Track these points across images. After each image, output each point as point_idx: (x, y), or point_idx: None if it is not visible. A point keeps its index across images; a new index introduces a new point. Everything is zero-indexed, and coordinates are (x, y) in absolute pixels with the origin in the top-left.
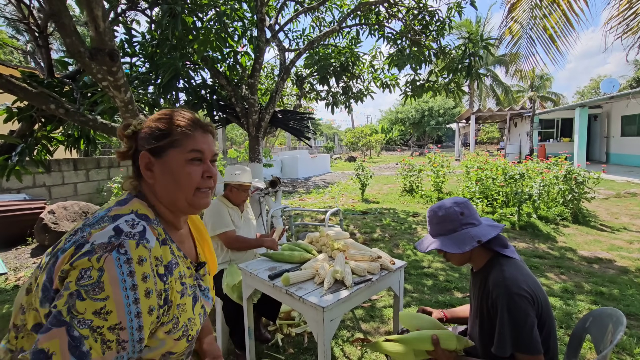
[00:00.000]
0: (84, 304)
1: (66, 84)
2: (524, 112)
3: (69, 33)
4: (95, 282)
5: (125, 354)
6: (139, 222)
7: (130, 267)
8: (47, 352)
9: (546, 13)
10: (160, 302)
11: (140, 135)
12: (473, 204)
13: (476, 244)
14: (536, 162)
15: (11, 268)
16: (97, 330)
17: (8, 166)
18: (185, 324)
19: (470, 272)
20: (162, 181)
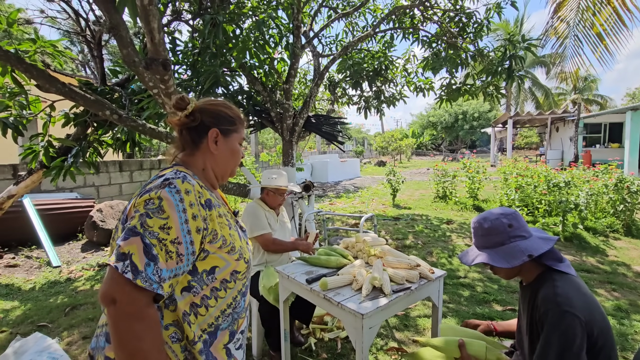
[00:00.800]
0: (152, 221)
1: (116, 91)
2: (566, 116)
3: (126, 44)
4: (157, 206)
5: (182, 266)
6: (181, 172)
7: (180, 195)
8: (128, 253)
9: (595, 11)
10: (203, 225)
11: (210, 114)
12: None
13: (527, 258)
14: (582, 169)
15: (64, 262)
16: (162, 242)
17: (64, 167)
18: (239, 248)
19: (520, 285)
20: (222, 154)
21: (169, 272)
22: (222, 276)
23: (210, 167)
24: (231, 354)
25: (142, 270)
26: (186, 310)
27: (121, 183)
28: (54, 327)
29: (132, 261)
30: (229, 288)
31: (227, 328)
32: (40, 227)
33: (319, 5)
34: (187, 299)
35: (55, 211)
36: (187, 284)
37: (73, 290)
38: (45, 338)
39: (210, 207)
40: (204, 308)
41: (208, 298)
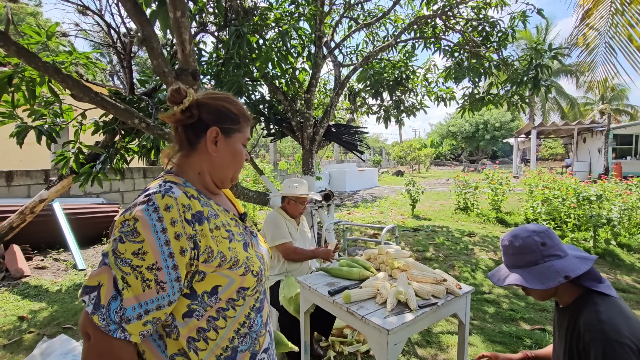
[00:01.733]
0: (124, 246)
1: (143, 100)
2: (594, 127)
3: (157, 55)
4: (132, 229)
5: (165, 295)
6: (168, 183)
7: (158, 214)
8: (98, 285)
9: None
10: (189, 245)
11: (210, 109)
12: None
13: (563, 279)
14: (614, 182)
15: (89, 265)
16: (136, 269)
17: (92, 173)
18: (244, 261)
19: (555, 307)
20: (222, 157)
21: (143, 306)
22: (228, 295)
23: (207, 171)
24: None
25: (103, 305)
26: (192, 337)
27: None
28: (79, 329)
29: (99, 294)
30: (237, 306)
31: (248, 349)
32: (68, 231)
33: (340, 16)
34: (191, 325)
35: (82, 215)
36: (187, 309)
37: None
38: (70, 340)
39: (201, 221)
40: (212, 332)
41: (215, 319)
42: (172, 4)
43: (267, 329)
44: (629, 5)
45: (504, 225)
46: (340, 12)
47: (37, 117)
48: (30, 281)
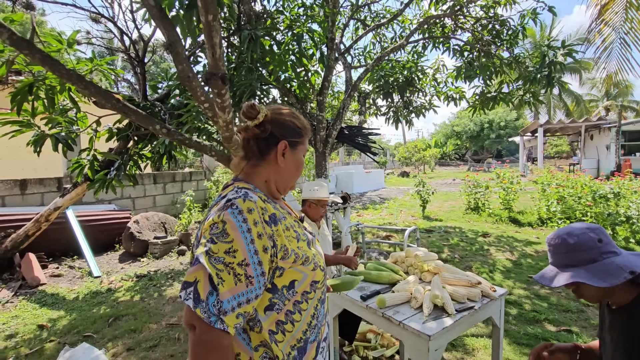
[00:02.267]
0: (217, 246)
1: (156, 106)
2: (602, 123)
3: (182, 60)
4: (221, 230)
5: (253, 289)
6: (242, 189)
7: (242, 216)
8: (194, 281)
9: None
10: (270, 243)
11: (279, 124)
12: (554, 225)
13: (629, 275)
14: (629, 179)
15: (104, 272)
16: (229, 266)
17: (107, 180)
18: (312, 258)
19: (606, 309)
20: (288, 167)
21: (236, 299)
22: (303, 288)
23: (273, 179)
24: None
25: (203, 300)
26: (272, 330)
27: (155, 195)
28: (99, 337)
29: (196, 289)
30: (310, 299)
31: (315, 340)
32: (82, 238)
33: (348, 18)
34: (272, 318)
35: (94, 222)
36: (268, 303)
37: (114, 301)
38: (92, 349)
39: (276, 222)
40: (289, 324)
41: (292, 313)
42: (205, 7)
43: (326, 319)
44: None
45: (517, 224)
46: (347, 14)
47: (54, 125)
48: (47, 289)
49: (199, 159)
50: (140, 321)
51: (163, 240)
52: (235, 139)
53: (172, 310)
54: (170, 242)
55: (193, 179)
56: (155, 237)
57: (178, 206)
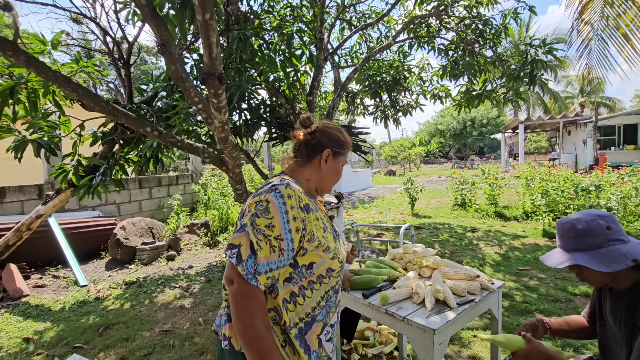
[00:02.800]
0: (260, 220)
1: (142, 108)
2: (579, 119)
3: (174, 61)
4: (265, 208)
5: (283, 260)
6: (285, 180)
7: (283, 199)
8: (238, 245)
9: (620, 12)
10: (302, 226)
11: (328, 136)
12: (539, 218)
13: (631, 263)
14: (607, 172)
15: (90, 280)
16: (267, 237)
17: (92, 185)
18: (333, 249)
19: (607, 293)
20: (329, 172)
21: (269, 265)
22: (319, 272)
23: (314, 180)
24: (322, 344)
25: (244, 260)
26: (286, 298)
27: (141, 200)
28: (90, 348)
29: (240, 251)
30: (324, 283)
31: (322, 320)
32: (66, 246)
33: (334, 18)
34: (288, 289)
35: (78, 230)
36: (289, 275)
37: (103, 310)
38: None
39: (309, 211)
40: (301, 297)
41: (305, 289)
42: (202, 6)
43: (336, 310)
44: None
45: (503, 219)
46: (331, 13)
47: (36, 130)
48: (30, 301)
49: (184, 162)
50: (132, 329)
51: (151, 246)
52: (231, 140)
53: (165, 317)
54: (158, 248)
55: (180, 183)
56: (143, 242)
57: (165, 211)
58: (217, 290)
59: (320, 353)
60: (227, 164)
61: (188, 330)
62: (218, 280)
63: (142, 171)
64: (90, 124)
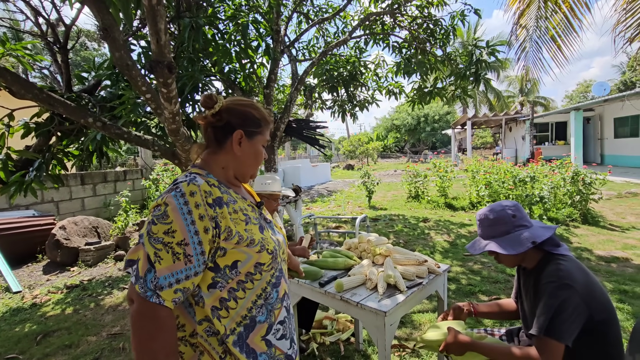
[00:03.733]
0: (157, 227)
1: (83, 98)
2: (519, 117)
3: (119, 47)
4: (163, 213)
5: (192, 267)
6: (192, 174)
7: (184, 199)
8: (136, 259)
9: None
10: (211, 225)
11: (237, 114)
12: (482, 207)
13: (531, 245)
14: (541, 165)
15: (25, 286)
16: (168, 245)
17: (25, 182)
18: (259, 241)
19: (522, 272)
20: (245, 156)
21: (174, 275)
22: (246, 269)
23: (231, 167)
24: (272, 345)
25: (142, 277)
26: (215, 306)
27: (83, 197)
28: (26, 358)
29: (138, 267)
30: (255, 280)
31: (266, 320)
32: None
33: (291, 10)
34: (215, 295)
35: (10, 231)
36: (211, 281)
37: (42, 317)
38: None
39: (221, 205)
40: (233, 301)
41: (235, 290)
42: None
43: (283, 304)
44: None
45: (452, 209)
46: (288, 6)
47: None
48: None
49: (133, 157)
50: (75, 335)
51: (96, 247)
52: (182, 132)
53: (114, 320)
54: (105, 248)
55: (128, 178)
56: (87, 243)
57: (112, 208)
58: None
59: (273, 353)
60: (180, 158)
61: None
62: None
63: (84, 166)
64: (21, 113)
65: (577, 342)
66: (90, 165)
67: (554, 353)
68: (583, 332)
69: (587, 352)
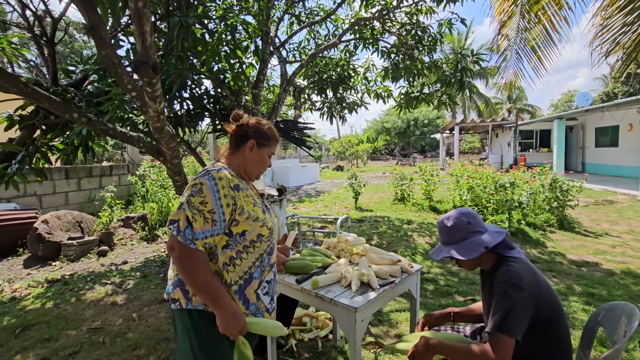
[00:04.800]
0: (195, 198)
1: (69, 92)
2: (505, 123)
3: (105, 45)
4: (199, 189)
5: (217, 229)
6: (218, 166)
7: (214, 182)
8: (177, 220)
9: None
10: (232, 202)
11: (253, 129)
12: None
13: (484, 249)
14: (522, 171)
15: (5, 279)
16: (201, 212)
17: (7, 175)
18: (262, 219)
19: (481, 274)
20: (253, 159)
21: (203, 233)
22: (251, 237)
23: (242, 166)
24: (259, 298)
25: (182, 230)
26: (226, 262)
27: (67, 191)
28: (4, 350)
29: (178, 225)
30: (256, 247)
31: (258, 277)
32: None
33: (283, 12)
34: (226, 254)
35: None
36: (225, 243)
37: (21, 310)
38: None
39: (238, 190)
40: (239, 260)
41: (241, 252)
42: None
43: (272, 270)
44: (532, 25)
45: (436, 212)
46: (281, 8)
47: None
48: None
49: (120, 152)
50: (55, 329)
51: (79, 241)
52: (167, 130)
53: (94, 314)
54: (88, 243)
55: (114, 174)
56: (70, 237)
57: (96, 203)
58: (153, 286)
59: (259, 305)
60: (165, 155)
61: (120, 327)
62: (155, 275)
63: (69, 160)
64: (4, 106)
65: (528, 338)
66: (75, 159)
67: (504, 348)
68: (533, 327)
69: (539, 347)
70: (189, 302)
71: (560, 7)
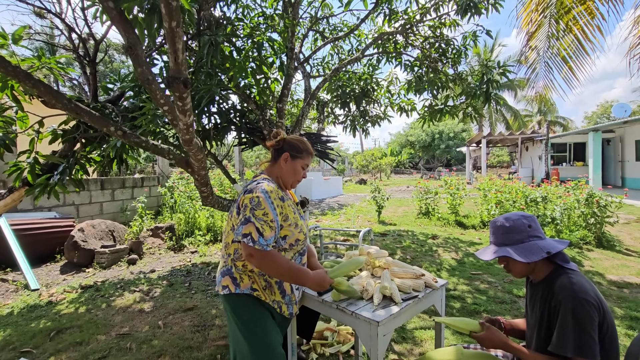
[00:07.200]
0: (258, 212)
1: (107, 107)
2: (535, 136)
3: (141, 63)
4: (258, 202)
5: (275, 235)
6: (265, 179)
7: (268, 194)
8: (249, 232)
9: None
10: (281, 211)
11: (288, 143)
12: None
13: (545, 254)
14: (555, 186)
15: (43, 284)
16: (266, 222)
17: (49, 185)
18: (300, 226)
19: (528, 285)
20: (288, 170)
21: (271, 238)
22: (290, 241)
23: (280, 176)
24: (292, 291)
25: (256, 240)
26: None
27: (102, 201)
28: (39, 352)
29: (251, 236)
30: (293, 249)
31: None
32: (17, 249)
33: (307, 29)
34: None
35: (32, 231)
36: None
37: (56, 314)
38: None
39: (283, 200)
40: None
41: (281, 252)
42: (169, 14)
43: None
44: (563, 33)
45: (462, 227)
46: (305, 25)
47: None
48: None
49: (151, 164)
50: (86, 333)
51: (111, 249)
52: (195, 142)
53: (123, 320)
54: (119, 251)
55: (145, 185)
56: (103, 245)
57: (128, 213)
58: (179, 295)
59: (291, 297)
60: (193, 166)
61: (146, 334)
62: (180, 284)
63: (104, 172)
64: (50, 120)
65: None
66: (110, 171)
67: None
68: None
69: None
70: (237, 287)
71: (593, 17)
